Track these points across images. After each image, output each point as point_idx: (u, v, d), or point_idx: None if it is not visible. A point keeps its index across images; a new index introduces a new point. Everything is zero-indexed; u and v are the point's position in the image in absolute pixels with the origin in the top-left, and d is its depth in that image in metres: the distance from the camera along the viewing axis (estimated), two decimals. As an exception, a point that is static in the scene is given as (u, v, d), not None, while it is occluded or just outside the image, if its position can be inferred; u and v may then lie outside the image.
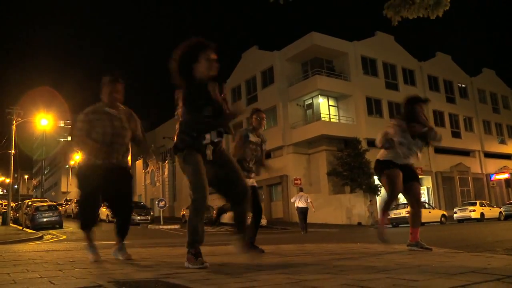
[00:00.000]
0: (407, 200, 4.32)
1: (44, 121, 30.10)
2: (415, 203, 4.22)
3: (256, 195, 4.99)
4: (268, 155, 28.93)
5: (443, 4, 5.26)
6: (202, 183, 2.99)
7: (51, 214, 22.75)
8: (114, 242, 3.93)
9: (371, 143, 23.93)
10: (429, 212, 23.93)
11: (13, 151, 27.70)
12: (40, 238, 15.28)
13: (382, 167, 4.21)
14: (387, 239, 3.76)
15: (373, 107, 29.64)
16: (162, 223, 23.91)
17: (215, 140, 3.11)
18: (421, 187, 32.85)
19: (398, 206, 22.56)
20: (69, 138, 75.60)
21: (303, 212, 16.30)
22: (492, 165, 36.77)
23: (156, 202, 25.98)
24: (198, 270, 2.83)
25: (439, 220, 24.03)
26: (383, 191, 4.32)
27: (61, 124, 76.96)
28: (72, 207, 37.01)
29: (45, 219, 22.30)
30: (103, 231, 4.32)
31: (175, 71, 3.13)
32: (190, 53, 3.10)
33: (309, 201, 16.50)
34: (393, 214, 22.28)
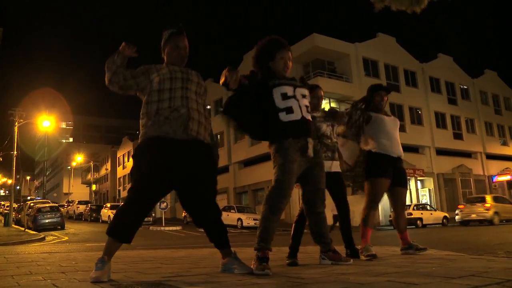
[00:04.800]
0: (391, 204, 4.16)
1: (46, 123, 30.16)
2: (400, 208, 4.09)
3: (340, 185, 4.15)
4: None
5: None
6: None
7: (53, 215, 22.85)
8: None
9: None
10: (431, 214, 23.89)
11: (15, 153, 27.79)
12: (42, 239, 15.32)
13: (371, 173, 4.02)
14: (375, 253, 3.65)
15: (374, 109, 29.63)
16: (163, 225, 23.97)
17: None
18: (423, 189, 32.68)
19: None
20: (71, 139, 75.89)
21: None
22: (494, 166, 36.68)
23: (158, 203, 26.02)
24: (200, 273, 2.84)
25: (441, 222, 23.99)
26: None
27: (63, 125, 77.19)
28: (74, 208, 37.10)
29: (47, 221, 22.38)
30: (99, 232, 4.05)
31: (254, 65, 3.23)
32: (267, 51, 3.16)
33: None
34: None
